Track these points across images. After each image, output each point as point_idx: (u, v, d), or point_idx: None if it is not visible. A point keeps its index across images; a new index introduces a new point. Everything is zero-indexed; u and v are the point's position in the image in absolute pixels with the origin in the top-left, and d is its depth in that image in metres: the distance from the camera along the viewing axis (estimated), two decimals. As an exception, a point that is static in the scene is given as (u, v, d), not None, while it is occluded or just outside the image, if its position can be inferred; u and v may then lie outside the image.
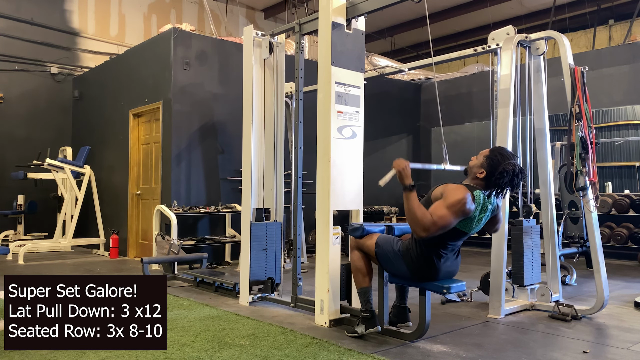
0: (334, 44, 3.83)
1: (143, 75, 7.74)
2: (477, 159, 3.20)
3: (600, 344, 3.43)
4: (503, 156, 3.11)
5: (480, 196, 3.10)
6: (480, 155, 3.20)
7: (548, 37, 4.38)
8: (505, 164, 3.07)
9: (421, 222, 2.97)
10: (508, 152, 3.18)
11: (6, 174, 8.80)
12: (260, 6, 12.61)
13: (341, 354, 3.08)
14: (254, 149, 4.62)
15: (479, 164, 3.16)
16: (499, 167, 3.07)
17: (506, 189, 3.14)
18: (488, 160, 3.12)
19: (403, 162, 3.13)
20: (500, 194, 3.17)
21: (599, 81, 7.99)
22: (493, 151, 3.17)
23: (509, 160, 3.09)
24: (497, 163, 3.08)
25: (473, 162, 3.21)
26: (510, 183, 3.09)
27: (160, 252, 6.44)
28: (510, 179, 3.07)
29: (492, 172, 3.09)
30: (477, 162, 3.18)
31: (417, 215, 2.98)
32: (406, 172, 3.10)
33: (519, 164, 3.15)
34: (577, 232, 5.93)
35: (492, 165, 3.10)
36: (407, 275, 3.28)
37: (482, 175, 3.13)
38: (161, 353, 3.06)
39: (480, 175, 3.13)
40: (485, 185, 3.16)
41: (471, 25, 12.92)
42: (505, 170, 3.05)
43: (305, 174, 4.66)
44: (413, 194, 3.03)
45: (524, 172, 3.16)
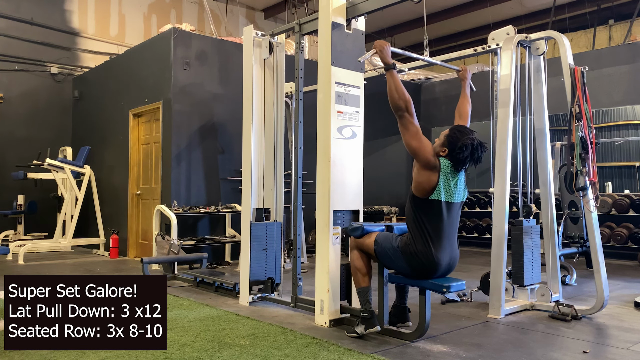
0: (334, 44, 3.83)
1: (143, 75, 7.74)
2: (439, 139, 3.37)
3: (600, 344, 3.43)
4: (461, 132, 3.29)
5: (445, 162, 3.25)
6: (441, 135, 3.37)
7: (548, 37, 4.38)
8: (463, 139, 3.23)
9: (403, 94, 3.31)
10: (466, 129, 3.36)
11: (6, 174, 8.80)
12: (260, 6, 12.61)
13: (341, 354, 3.08)
14: (254, 149, 4.62)
15: (440, 143, 3.33)
16: (459, 142, 3.23)
17: (468, 163, 3.28)
18: (448, 138, 3.29)
19: (384, 42, 3.45)
20: (463, 167, 3.30)
21: (599, 81, 7.99)
22: (452, 129, 3.35)
23: (467, 135, 3.26)
24: (457, 139, 3.25)
25: (436, 143, 3.37)
26: (472, 156, 3.25)
27: (160, 252, 6.44)
28: (471, 152, 3.23)
29: (452, 148, 3.25)
30: (439, 142, 3.35)
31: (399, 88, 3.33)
32: (386, 51, 3.42)
33: (477, 139, 3.29)
34: (577, 232, 5.93)
35: (452, 142, 3.26)
36: (408, 271, 3.30)
37: (444, 153, 3.29)
38: (161, 353, 3.06)
39: (443, 153, 3.29)
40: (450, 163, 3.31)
41: (471, 25, 12.91)
42: (464, 144, 3.22)
43: (305, 174, 4.66)
44: (394, 72, 3.36)
45: (483, 145, 3.30)
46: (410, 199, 3.30)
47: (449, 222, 3.28)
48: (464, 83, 4.12)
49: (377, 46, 3.45)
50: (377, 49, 3.44)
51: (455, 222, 3.35)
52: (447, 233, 3.28)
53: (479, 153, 3.26)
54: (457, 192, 3.31)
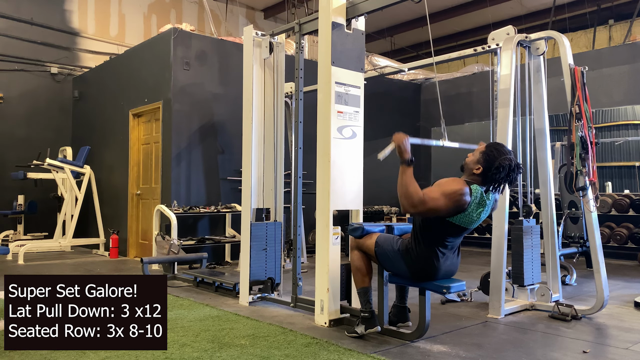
0: (334, 44, 3.83)
1: (143, 75, 7.74)
2: (474, 155, 3.20)
3: (600, 344, 3.43)
4: (499, 151, 3.12)
5: (478, 190, 3.10)
6: (476, 152, 3.21)
7: (548, 37, 4.38)
8: (501, 159, 3.07)
9: (411, 198, 2.96)
10: (504, 148, 3.18)
11: (6, 174, 8.80)
12: (260, 6, 12.61)
13: (341, 354, 3.08)
14: (254, 149, 4.62)
15: (475, 160, 3.16)
16: (495, 162, 3.07)
17: (503, 184, 3.15)
18: (484, 156, 3.12)
19: (403, 135, 3.12)
20: (497, 189, 3.17)
21: (599, 81, 7.99)
22: (489, 147, 3.17)
23: (505, 155, 3.10)
24: (494, 158, 3.09)
25: (469, 159, 3.21)
26: (507, 178, 3.09)
27: (160, 252, 6.44)
28: (507, 173, 3.07)
29: (488, 167, 3.09)
30: (473, 158, 3.19)
31: (409, 189, 2.97)
32: (405, 146, 3.09)
33: (515, 158, 3.16)
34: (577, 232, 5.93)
35: (489, 160, 3.10)
36: (407, 274, 3.28)
37: (478, 171, 3.13)
38: (161, 353, 3.06)
39: (477, 171, 3.13)
40: (482, 181, 3.16)
41: (471, 25, 12.92)
42: (502, 165, 3.06)
43: (305, 174, 4.65)
44: (410, 169, 3.03)
45: (520, 167, 3.16)
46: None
47: (458, 237, 3.24)
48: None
49: (395, 140, 3.12)
50: (396, 142, 3.11)
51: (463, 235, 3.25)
52: (453, 245, 3.25)
53: (515, 175, 3.10)
54: (478, 220, 3.16)
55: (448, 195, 3.01)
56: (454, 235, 3.19)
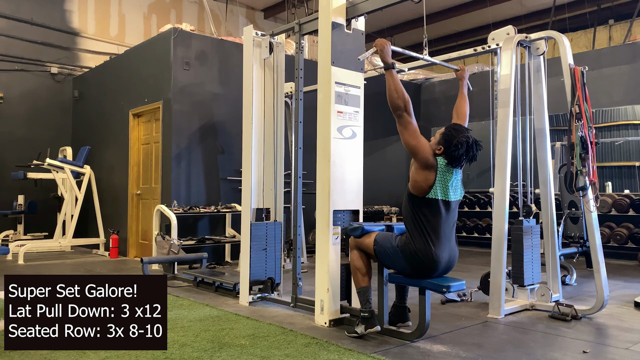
0: (334, 44, 3.83)
1: (143, 75, 7.74)
2: (435, 137, 3.37)
3: (600, 344, 3.43)
4: (457, 130, 3.31)
5: (441, 160, 3.27)
6: (437, 134, 3.38)
7: (548, 37, 4.38)
8: (459, 137, 3.25)
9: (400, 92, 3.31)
10: (462, 127, 3.37)
11: (6, 174, 8.80)
12: (260, 6, 12.61)
13: (341, 354, 3.08)
14: (254, 149, 4.62)
15: (436, 142, 3.34)
16: (454, 140, 3.24)
17: (464, 160, 3.29)
18: (444, 136, 3.31)
19: (384, 41, 3.45)
20: (459, 165, 3.32)
21: (599, 81, 7.99)
22: (448, 127, 3.35)
23: (463, 133, 3.28)
24: (452, 137, 3.26)
25: (432, 141, 3.37)
26: (467, 154, 3.26)
27: (160, 252, 6.44)
28: (466, 149, 3.25)
29: (448, 145, 3.26)
30: (434, 140, 3.36)
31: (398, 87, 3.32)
32: (387, 50, 3.42)
33: (472, 137, 3.31)
34: (577, 232, 5.93)
35: (447, 139, 3.27)
36: (408, 270, 3.30)
37: (440, 151, 3.29)
38: (161, 353, 3.06)
39: (438, 151, 3.30)
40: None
41: (471, 25, 12.91)
42: (460, 142, 3.23)
43: (305, 174, 4.66)
44: (394, 72, 3.36)
45: (479, 144, 3.32)
46: (408, 198, 3.31)
47: (446, 220, 3.29)
48: (461, 82, 4.13)
49: (377, 45, 3.45)
50: (377, 47, 3.45)
51: (453, 220, 3.36)
52: (445, 231, 3.28)
53: (474, 151, 3.28)
54: (454, 191, 3.32)
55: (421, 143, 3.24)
56: (439, 213, 3.24)
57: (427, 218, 3.24)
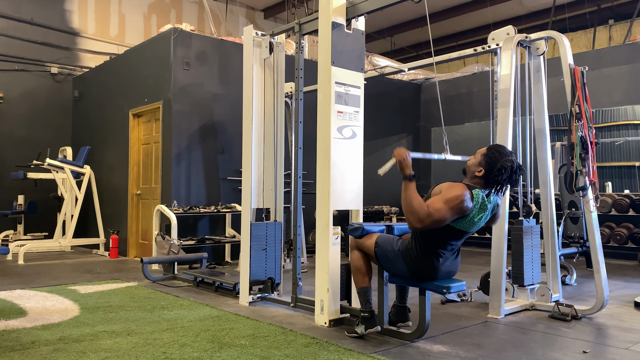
0: (334, 44, 3.83)
1: (143, 75, 7.74)
2: (475, 157, 3.21)
3: (600, 344, 3.43)
4: (501, 153, 3.12)
5: (480, 195, 3.10)
6: (477, 154, 3.21)
7: (548, 37, 4.38)
8: (503, 161, 3.08)
9: (417, 213, 2.96)
10: (506, 150, 3.18)
11: (6, 174, 8.81)
12: (260, 6, 12.61)
13: (341, 354, 3.08)
14: (254, 149, 4.62)
15: (477, 163, 3.17)
16: (497, 164, 3.08)
17: (505, 186, 3.16)
18: (486, 158, 3.13)
19: (404, 151, 3.14)
20: (499, 191, 3.17)
21: (599, 81, 7.99)
22: (490, 149, 3.18)
23: (507, 157, 3.11)
24: (495, 160, 3.10)
25: (471, 161, 3.22)
26: (509, 179, 3.11)
27: (160, 252, 6.45)
28: (509, 175, 3.09)
29: (490, 169, 3.10)
30: (475, 160, 3.20)
31: (413, 205, 2.97)
32: (407, 162, 3.10)
33: (517, 160, 3.16)
34: (577, 232, 5.93)
35: (490, 162, 3.11)
36: (407, 274, 3.28)
37: (480, 174, 3.14)
38: (161, 353, 3.06)
39: (478, 173, 3.14)
40: (484, 184, 3.16)
41: (471, 25, 12.92)
42: (504, 166, 3.07)
43: (305, 174, 4.66)
44: (412, 184, 3.04)
45: (522, 169, 3.17)
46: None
47: (458, 241, 3.24)
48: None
49: (396, 155, 3.13)
50: (396, 158, 3.13)
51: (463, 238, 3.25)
52: (453, 247, 3.24)
53: (517, 176, 3.12)
54: (479, 224, 3.17)
55: (451, 202, 2.99)
56: (455, 238, 3.19)
57: (440, 237, 3.13)
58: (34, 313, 4.09)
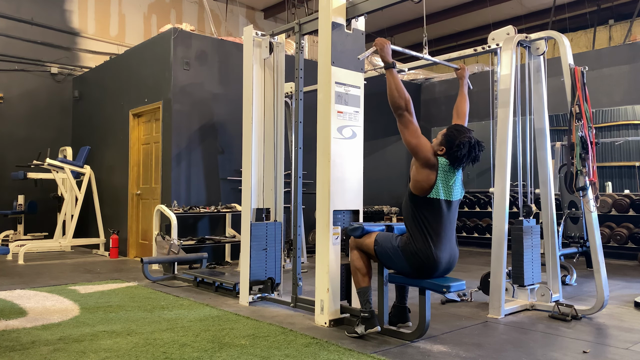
0: (334, 44, 3.83)
1: (143, 75, 7.74)
2: (437, 138, 3.38)
3: (600, 344, 3.43)
4: (459, 131, 3.30)
5: (443, 160, 3.27)
6: (439, 135, 3.39)
7: (548, 37, 4.38)
8: (461, 137, 3.25)
9: (401, 91, 3.33)
10: (464, 128, 3.36)
11: (6, 174, 8.81)
12: (260, 6, 12.61)
13: (341, 354, 3.08)
14: (254, 149, 4.62)
15: (438, 142, 3.34)
16: (456, 141, 3.24)
17: (466, 161, 3.30)
18: (446, 137, 3.30)
19: (384, 40, 3.46)
20: (460, 166, 3.32)
21: (599, 81, 7.99)
22: (449, 128, 3.36)
23: (465, 134, 3.28)
24: (454, 137, 3.26)
25: (434, 142, 3.38)
26: (469, 155, 3.27)
27: (160, 252, 6.45)
28: (468, 150, 3.25)
29: (450, 146, 3.26)
30: (436, 141, 3.37)
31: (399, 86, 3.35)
32: (386, 49, 3.43)
33: (474, 137, 3.31)
34: (577, 232, 5.93)
35: (449, 140, 3.27)
36: (408, 270, 3.30)
37: (442, 152, 3.30)
38: (161, 353, 3.06)
39: (440, 152, 3.31)
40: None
41: (471, 25, 12.92)
42: (462, 142, 3.23)
43: (305, 174, 4.66)
44: (394, 71, 3.38)
45: (481, 144, 3.32)
46: (409, 197, 3.31)
47: (447, 220, 3.29)
48: (461, 82, 4.13)
49: (377, 44, 3.46)
50: (377, 47, 3.46)
51: (454, 220, 3.36)
52: (446, 231, 3.28)
53: (476, 152, 3.29)
54: (455, 191, 3.33)
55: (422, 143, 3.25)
56: (440, 213, 3.25)
57: (428, 218, 3.24)
58: (34, 313, 4.09)
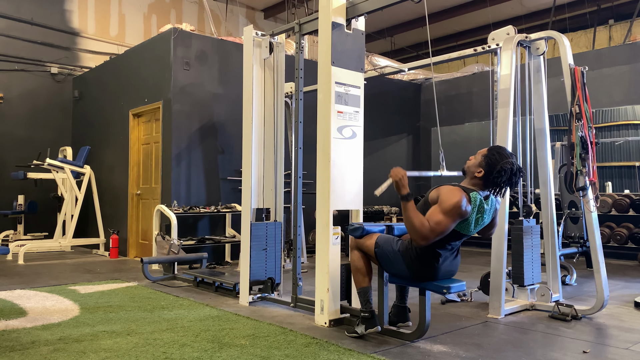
0: (334, 44, 3.83)
1: (143, 75, 7.74)
2: (475, 158, 3.20)
3: (600, 344, 3.43)
4: (501, 155, 3.11)
5: (477, 197, 3.10)
6: (478, 155, 3.20)
7: (548, 37, 4.38)
8: (503, 163, 3.06)
9: (420, 231, 2.98)
10: (506, 151, 3.16)
11: (6, 174, 8.81)
12: (260, 6, 12.61)
13: (341, 354, 3.08)
14: (254, 149, 4.62)
15: (477, 163, 3.16)
16: (497, 166, 3.06)
17: (505, 188, 3.14)
18: (486, 159, 3.11)
19: (400, 171, 3.15)
20: (499, 193, 3.16)
21: (599, 81, 7.99)
22: (491, 150, 3.16)
23: (507, 159, 3.09)
24: (495, 162, 3.08)
25: (471, 162, 3.21)
26: (509, 181, 3.09)
27: (160, 252, 6.45)
28: (509, 177, 3.07)
29: (490, 170, 3.08)
30: (475, 161, 3.18)
31: (415, 224, 2.99)
32: (403, 182, 3.12)
33: (517, 162, 3.15)
34: (577, 232, 5.93)
35: (490, 164, 3.09)
36: (407, 275, 3.27)
37: (480, 175, 3.12)
38: (161, 353, 3.06)
39: (478, 174, 3.13)
40: (483, 185, 3.15)
41: (471, 25, 12.92)
42: (504, 168, 3.05)
43: (305, 174, 4.66)
44: (410, 203, 3.05)
45: (522, 171, 3.16)
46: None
47: (457, 241, 3.22)
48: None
49: (393, 175, 3.16)
50: (394, 179, 3.16)
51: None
52: (453, 247, 3.23)
53: (516, 178, 3.09)
54: (478, 226, 3.16)
55: (449, 211, 2.98)
56: (454, 239, 3.19)
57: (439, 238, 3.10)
58: (34, 313, 4.09)
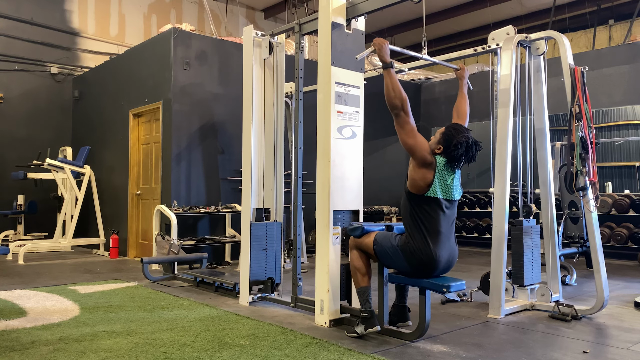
0: (334, 44, 3.83)
1: (143, 75, 7.74)
2: (435, 137, 3.40)
3: (600, 344, 3.43)
4: (457, 130, 3.32)
5: (440, 158, 3.29)
6: (437, 133, 3.41)
7: (548, 37, 4.38)
8: (459, 137, 3.27)
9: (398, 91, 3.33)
10: (462, 127, 3.38)
11: (6, 174, 8.81)
12: (260, 6, 12.61)
13: (341, 354, 3.08)
14: (254, 149, 4.62)
15: (436, 141, 3.37)
16: (454, 140, 3.26)
17: (463, 160, 3.32)
18: (444, 136, 3.32)
19: (382, 40, 3.49)
20: (458, 165, 3.34)
21: (599, 81, 7.99)
22: (447, 127, 3.38)
23: (462, 133, 3.31)
24: (452, 136, 3.28)
25: (432, 141, 3.39)
26: (466, 154, 3.29)
27: (160, 252, 6.45)
28: (465, 149, 3.27)
29: (447, 145, 3.28)
30: (434, 139, 3.39)
31: (395, 86, 3.35)
32: (385, 49, 3.45)
33: (472, 137, 3.34)
34: (577, 232, 5.93)
35: (447, 139, 3.29)
36: (408, 269, 3.30)
37: (439, 150, 3.32)
38: (161, 353, 3.06)
39: (438, 150, 3.33)
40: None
41: (471, 25, 12.92)
42: (459, 142, 3.26)
43: (305, 174, 4.66)
44: (392, 71, 3.40)
45: (478, 144, 3.35)
46: (406, 196, 3.32)
47: (445, 219, 3.29)
48: (461, 82, 4.15)
49: (375, 44, 3.47)
50: (375, 46, 3.47)
51: (452, 219, 3.37)
52: (445, 230, 3.28)
53: (473, 151, 3.31)
54: (454, 190, 3.34)
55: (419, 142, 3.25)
56: (437, 211, 3.25)
57: (426, 217, 3.24)
58: (34, 313, 4.09)
